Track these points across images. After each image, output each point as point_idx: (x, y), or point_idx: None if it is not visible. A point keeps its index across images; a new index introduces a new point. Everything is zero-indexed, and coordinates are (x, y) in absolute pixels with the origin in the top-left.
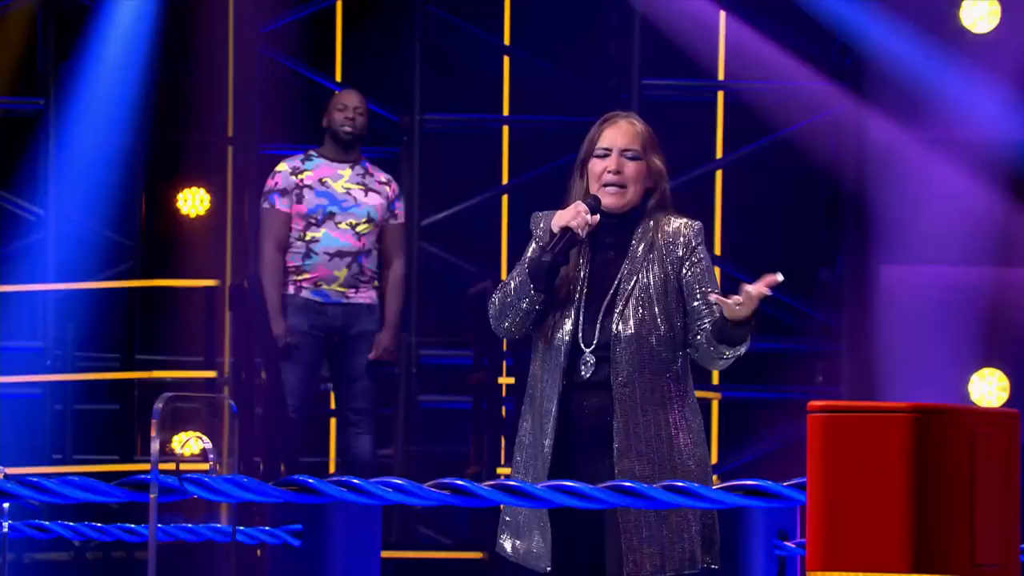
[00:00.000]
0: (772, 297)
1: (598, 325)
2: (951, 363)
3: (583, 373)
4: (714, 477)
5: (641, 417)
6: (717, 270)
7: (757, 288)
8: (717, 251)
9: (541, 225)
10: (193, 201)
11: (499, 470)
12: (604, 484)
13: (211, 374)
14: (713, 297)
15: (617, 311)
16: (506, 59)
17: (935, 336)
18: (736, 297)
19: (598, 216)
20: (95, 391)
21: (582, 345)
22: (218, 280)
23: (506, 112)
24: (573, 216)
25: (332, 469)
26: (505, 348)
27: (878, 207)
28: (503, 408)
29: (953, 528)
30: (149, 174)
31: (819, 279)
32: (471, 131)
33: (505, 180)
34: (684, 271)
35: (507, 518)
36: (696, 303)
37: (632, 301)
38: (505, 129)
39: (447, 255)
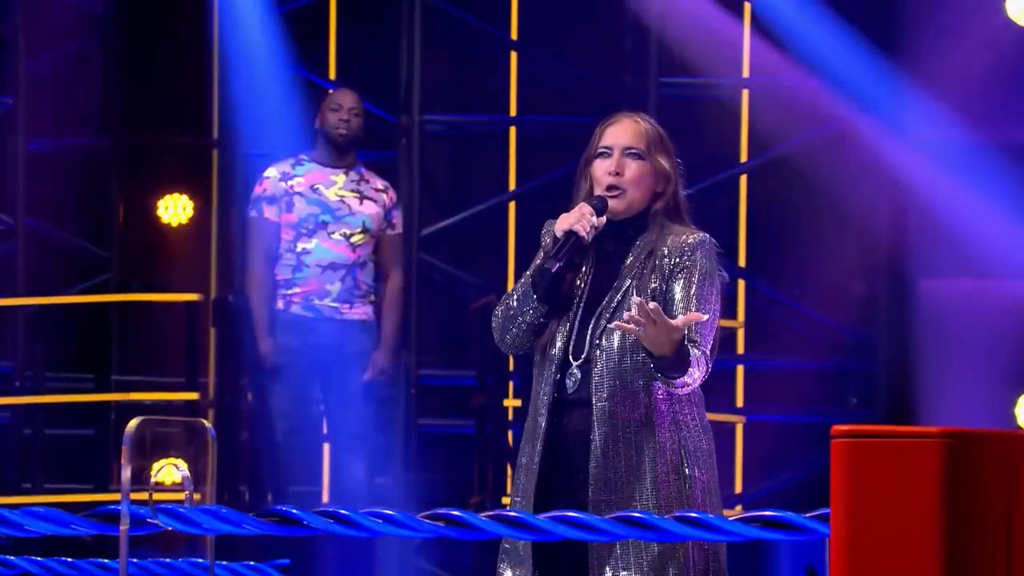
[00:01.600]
0: (802, 312)
1: (587, 337)
2: (997, 384)
3: (569, 388)
4: (738, 507)
5: (622, 437)
6: (741, 283)
7: (665, 321)
8: (741, 262)
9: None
10: (175, 209)
11: (504, 500)
12: (612, 515)
13: (193, 396)
14: (613, 324)
15: (603, 321)
16: (513, 55)
17: (979, 355)
18: (635, 316)
19: (604, 218)
20: (68, 415)
21: (571, 358)
22: (201, 294)
23: (513, 112)
24: (577, 219)
25: (326, 498)
26: (511, 368)
27: (916, 215)
28: (509, 433)
29: (989, 562)
30: (126, 179)
31: (852, 293)
32: (475, 133)
33: (512, 186)
34: (673, 278)
35: (507, 546)
36: (672, 311)
37: (621, 310)
38: (512, 131)
39: (449, 267)
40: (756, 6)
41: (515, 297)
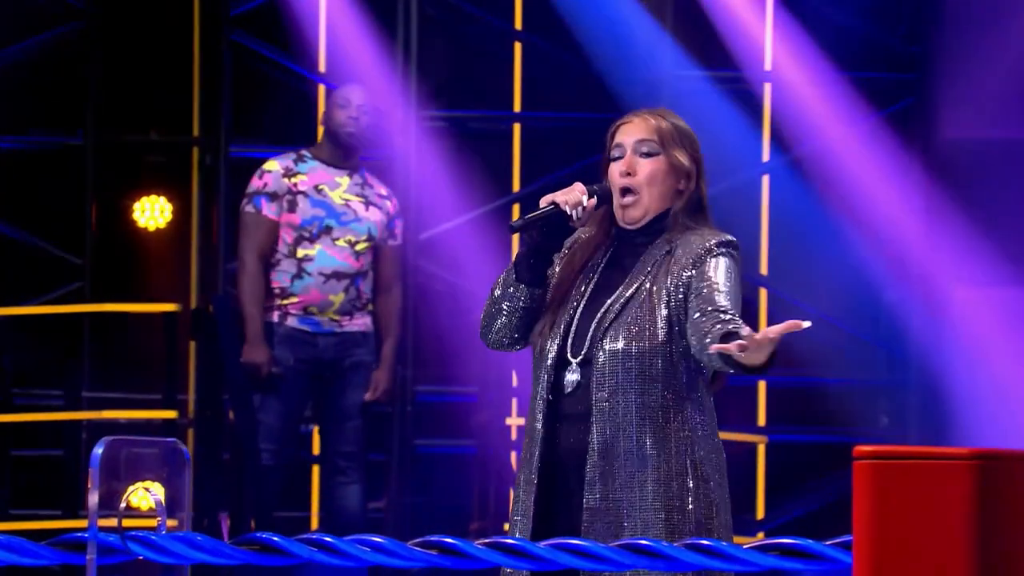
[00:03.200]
0: (828, 323)
1: (589, 335)
2: None
3: (567, 389)
4: (760, 534)
5: (622, 437)
6: (763, 292)
7: (767, 335)
8: (763, 270)
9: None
10: (152, 212)
11: (507, 526)
12: (618, 543)
13: (171, 414)
14: (713, 349)
15: (609, 318)
16: (517, 46)
17: (1019, 369)
18: (740, 343)
19: (595, 200)
20: (36, 434)
21: (569, 357)
22: (180, 304)
23: (517, 108)
24: (565, 192)
25: (315, 525)
26: (515, 383)
27: (950, 218)
28: (512, 453)
29: None
30: (100, 180)
31: (883, 302)
32: (476, 130)
33: (516, 187)
34: (692, 276)
35: (508, 571)
36: (696, 297)
37: (629, 308)
38: (516, 128)
39: (447, 275)
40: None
41: (499, 283)
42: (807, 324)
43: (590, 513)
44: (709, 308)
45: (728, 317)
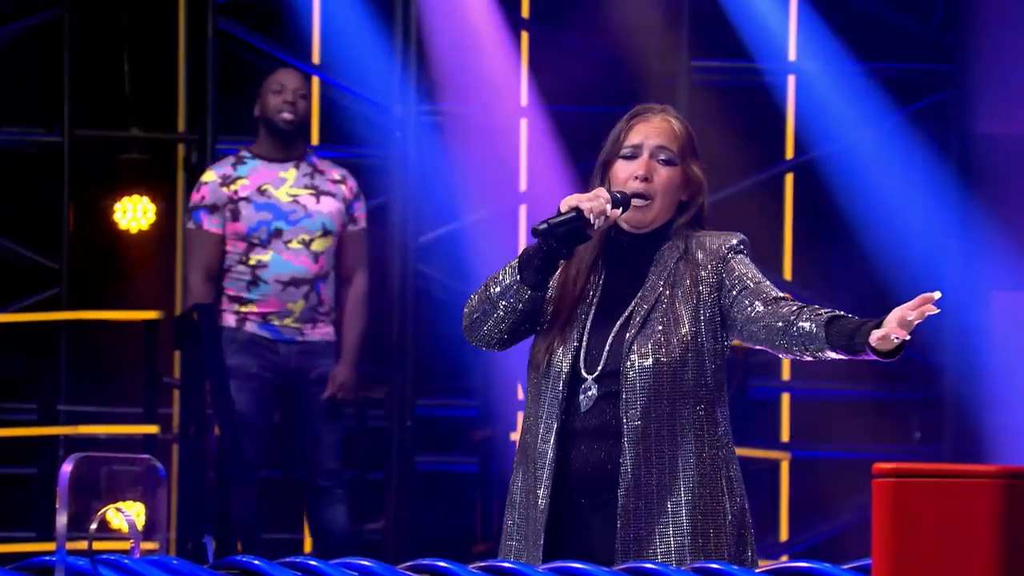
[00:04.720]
0: None
1: (606, 349)
2: None
3: (583, 406)
4: (784, 557)
5: (655, 461)
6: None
7: (917, 312)
8: (787, 274)
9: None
10: (134, 212)
11: None
12: (621, 566)
13: (153, 429)
14: (875, 339)
15: (631, 331)
16: (524, 36)
17: None
18: (894, 328)
19: (619, 210)
20: (7, 450)
21: (583, 372)
22: (163, 312)
23: (523, 103)
24: (589, 199)
25: (308, 547)
26: (520, 396)
27: (988, 218)
28: None
29: None
30: (78, 178)
31: None
32: (480, 126)
33: (522, 187)
34: (721, 275)
35: None
36: (743, 291)
37: (652, 319)
38: (522, 123)
39: (449, 281)
40: None
41: (498, 280)
42: (937, 295)
43: (623, 542)
44: (769, 299)
45: (801, 303)
